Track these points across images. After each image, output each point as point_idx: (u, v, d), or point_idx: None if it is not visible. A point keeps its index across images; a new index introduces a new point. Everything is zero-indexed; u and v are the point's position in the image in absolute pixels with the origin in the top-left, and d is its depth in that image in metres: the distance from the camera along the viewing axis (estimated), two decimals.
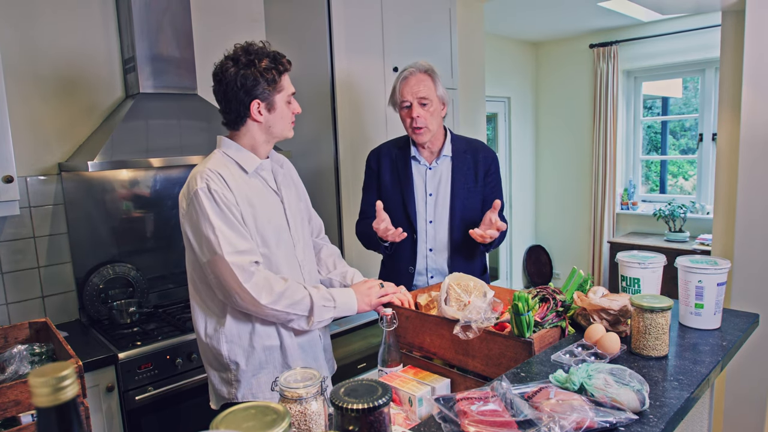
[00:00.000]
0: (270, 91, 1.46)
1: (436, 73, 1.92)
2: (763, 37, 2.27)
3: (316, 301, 1.44)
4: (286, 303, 1.41)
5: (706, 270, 1.37)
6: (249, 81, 1.43)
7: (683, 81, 5.06)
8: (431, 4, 2.95)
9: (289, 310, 1.42)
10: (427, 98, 1.88)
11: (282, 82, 1.49)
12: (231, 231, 1.40)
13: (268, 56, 1.46)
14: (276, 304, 1.40)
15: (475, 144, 2.05)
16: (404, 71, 1.92)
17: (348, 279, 1.71)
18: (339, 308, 1.47)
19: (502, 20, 4.59)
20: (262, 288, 1.39)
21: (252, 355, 1.49)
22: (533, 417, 0.90)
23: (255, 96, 1.45)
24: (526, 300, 1.23)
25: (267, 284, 1.40)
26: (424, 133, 1.91)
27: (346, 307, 1.48)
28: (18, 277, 2.17)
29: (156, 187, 2.50)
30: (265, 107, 1.48)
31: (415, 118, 1.88)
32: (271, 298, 1.39)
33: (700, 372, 1.14)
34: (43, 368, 0.54)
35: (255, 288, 1.38)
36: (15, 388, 1.24)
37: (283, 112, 1.51)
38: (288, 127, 1.55)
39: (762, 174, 2.32)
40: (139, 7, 2.23)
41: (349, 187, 2.62)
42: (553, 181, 5.77)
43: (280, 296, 1.40)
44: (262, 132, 1.52)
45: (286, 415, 0.73)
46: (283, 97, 1.50)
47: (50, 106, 2.21)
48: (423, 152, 2.01)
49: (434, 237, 1.98)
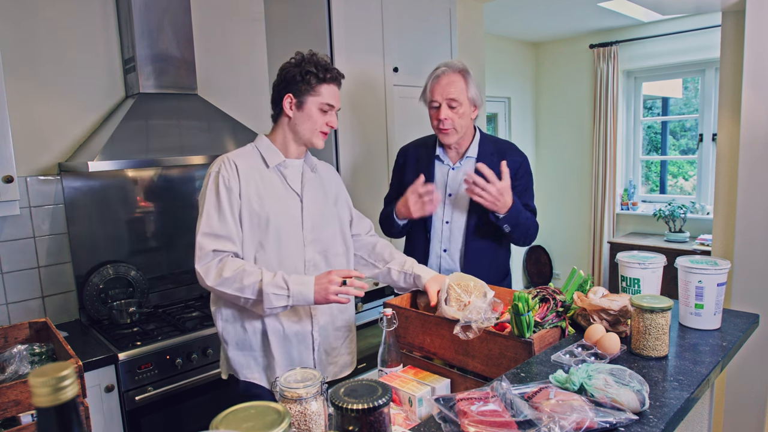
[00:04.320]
0: (303, 91, 1.56)
1: (469, 73, 1.87)
2: (763, 37, 2.27)
3: (266, 287, 1.44)
4: (234, 287, 1.45)
5: (706, 270, 1.37)
6: (289, 76, 1.56)
7: (683, 81, 5.06)
8: (431, 4, 2.95)
9: (238, 293, 1.46)
10: (457, 100, 1.83)
11: (319, 89, 1.56)
12: (217, 215, 1.50)
13: (316, 64, 1.56)
14: (221, 286, 1.46)
15: (503, 146, 1.98)
16: (437, 69, 1.87)
17: (407, 267, 1.71)
18: (293, 297, 1.46)
19: (502, 20, 4.59)
20: (211, 270, 1.47)
21: (241, 336, 1.59)
22: (533, 417, 0.90)
23: (289, 90, 1.57)
24: (526, 300, 1.23)
25: (218, 268, 1.47)
26: (450, 134, 1.87)
27: (300, 297, 1.46)
28: (18, 277, 2.17)
29: (156, 186, 2.50)
30: (295, 104, 1.57)
31: (442, 119, 1.84)
32: (218, 280, 1.46)
33: (700, 372, 1.14)
34: (43, 368, 0.54)
35: (204, 269, 1.48)
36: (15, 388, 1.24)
37: (311, 115, 1.57)
38: (316, 134, 1.60)
39: (762, 174, 2.32)
40: (139, 7, 2.23)
41: (350, 187, 2.62)
42: (553, 181, 5.76)
43: (227, 280, 1.45)
44: (290, 130, 1.60)
45: (286, 415, 0.73)
46: (316, 101, 1.57)
47: (50, 106, 2.21)
48: (449, 152, 1.97)
49: (449, 238, 1.95)
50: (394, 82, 2.77)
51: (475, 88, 1.87)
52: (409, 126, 2.85)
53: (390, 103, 2.77)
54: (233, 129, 2.40)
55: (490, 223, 1.87)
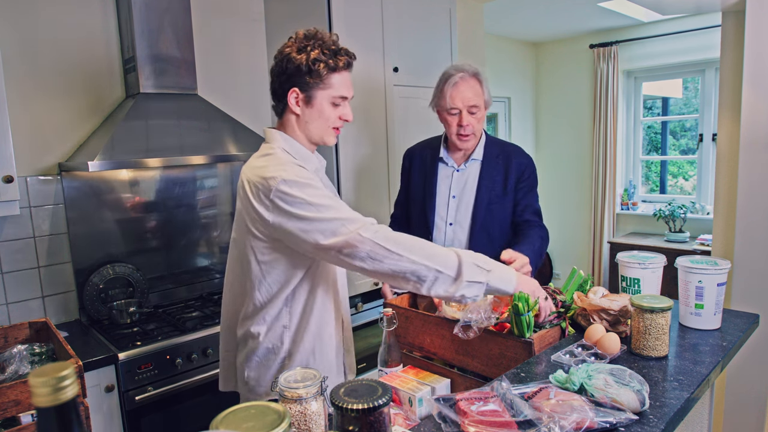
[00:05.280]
0: (311, 84, 1.33)
1: (482, 75, 1.86)
2: (763, 37, 2.27)
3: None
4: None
5: (706, 270, 1.37)
6: (293, 65, 1.33)
7: (683, 81, 5.06)
8: (431, 4, 2.95)
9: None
10: (477, 106, 1.83)
11: (330, 80, 1.34)
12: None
13: (324, 48, 1.33)
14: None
15: (509, 149, 1.98)
16: (453, 75, 1.84)
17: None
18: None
19: (502, 20, 4.59)
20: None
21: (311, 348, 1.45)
22: (533, 417, 0.90)
23: (294, 83, 1.34)
24: (526, 300, 1.23)
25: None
26: (470, 139, 1.87)
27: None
28: (18, 277, 2.17)
29: (156, 187, 2.50)
30: (303, 99, 1.36)
31: (465, 126, 1.83)
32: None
33: (700, 372, 1.14)
34: (43, 368, 0.54)
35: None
36: (15, 388, 1.24)
37: (323, 111, 1.37)
38: (328, 131, 1.41)
39: (762, 174, 2.32)
40: (139, 7, 2.23)
41: (350, 187, 2.62)
42: (553, 181, 5.76)
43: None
44: (299, 128, 1.40)
45: (286, 415, 0.73)
46: (326, 95, 1.36)
47: (50, 106, 2.21)
48: (454, 154, 1.97)
49: (453, 239, 1.95)
50: (394, 82, 2.77)
51: (488, 89, 1.87)
52: (409, 126, 2.85)
53: (390, 103, 2.77)
54: (233, 129, 2.40)
55: (493, 226, 1.88)
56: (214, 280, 2.71)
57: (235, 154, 2.31)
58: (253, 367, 1.42)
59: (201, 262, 2.68)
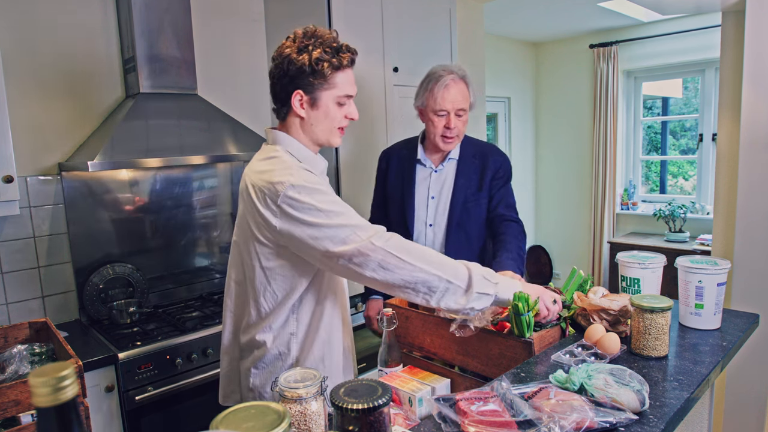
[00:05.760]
0: (316, 85, 1.29)
1: (470, 78, 1.88)
2: (763, 37, 2.27)
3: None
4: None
5: (706, 270, 1.37)
6: (295, 67, 1.27)
7: (683, 81, 5.06)
8: (431, 4, 2.95)
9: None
10: (464, 109, 1.85)
11: (334, 79, 1.30)
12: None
13: (325, 46, 1.28)
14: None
15: (485, 149, 1.99)
16: (444, 76, 1.83)
17: None
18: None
19: (502, 20, 4.59)
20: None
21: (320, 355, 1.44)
22: (533, 417, 0.90)
23: (298, 86, 1.29)
24: (526, 300, 1.23)
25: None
26: (454, 141, 1.89)
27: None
28: (18, 277, 2.17)
29: (156, 187, 2.50)
30: (307, 101, 1.31)
31: (452, 128, 1.85)
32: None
33: (700, 372, 1.14)
34: (43, 368, 0.54)
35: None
36: (15, 388, 1.24)
37: (329, 112, 1.33)
38: (334, 132, 1.37)
39: (762, 174, 2.32)
40: (139, 7, 2.23)
41: (350, 188, 2.62)
42: (553, 181, 5.76)
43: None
44: (303, 131, 1.35)
45: (286, 415, 0.73)
46: (331, 95, 1.31)
47: (50, 106, 2.21)
48: (432, 155, 1.98)
49: (433, 240, 1.96)
50: (394, 82, 2.78)
51: (474, 92, 1.89)
52: (409, 126, 2.84)
53: (390, 103, 2.77)
54: (233, 129, 2.40)
55: (470, 224, 1.89)
56: (214, 280, 2.71)
57: (235, 154, 2.31)
58: (259, 374, 1.40)
59: (201, 262, 2.68)
